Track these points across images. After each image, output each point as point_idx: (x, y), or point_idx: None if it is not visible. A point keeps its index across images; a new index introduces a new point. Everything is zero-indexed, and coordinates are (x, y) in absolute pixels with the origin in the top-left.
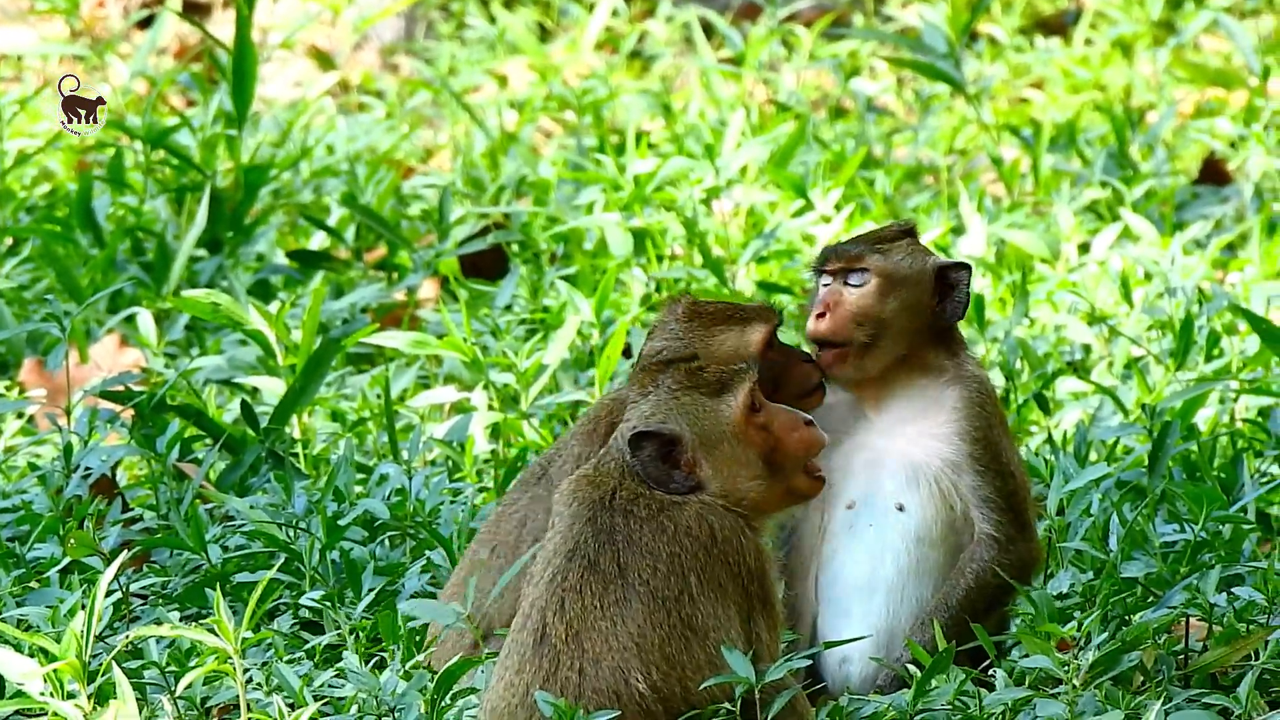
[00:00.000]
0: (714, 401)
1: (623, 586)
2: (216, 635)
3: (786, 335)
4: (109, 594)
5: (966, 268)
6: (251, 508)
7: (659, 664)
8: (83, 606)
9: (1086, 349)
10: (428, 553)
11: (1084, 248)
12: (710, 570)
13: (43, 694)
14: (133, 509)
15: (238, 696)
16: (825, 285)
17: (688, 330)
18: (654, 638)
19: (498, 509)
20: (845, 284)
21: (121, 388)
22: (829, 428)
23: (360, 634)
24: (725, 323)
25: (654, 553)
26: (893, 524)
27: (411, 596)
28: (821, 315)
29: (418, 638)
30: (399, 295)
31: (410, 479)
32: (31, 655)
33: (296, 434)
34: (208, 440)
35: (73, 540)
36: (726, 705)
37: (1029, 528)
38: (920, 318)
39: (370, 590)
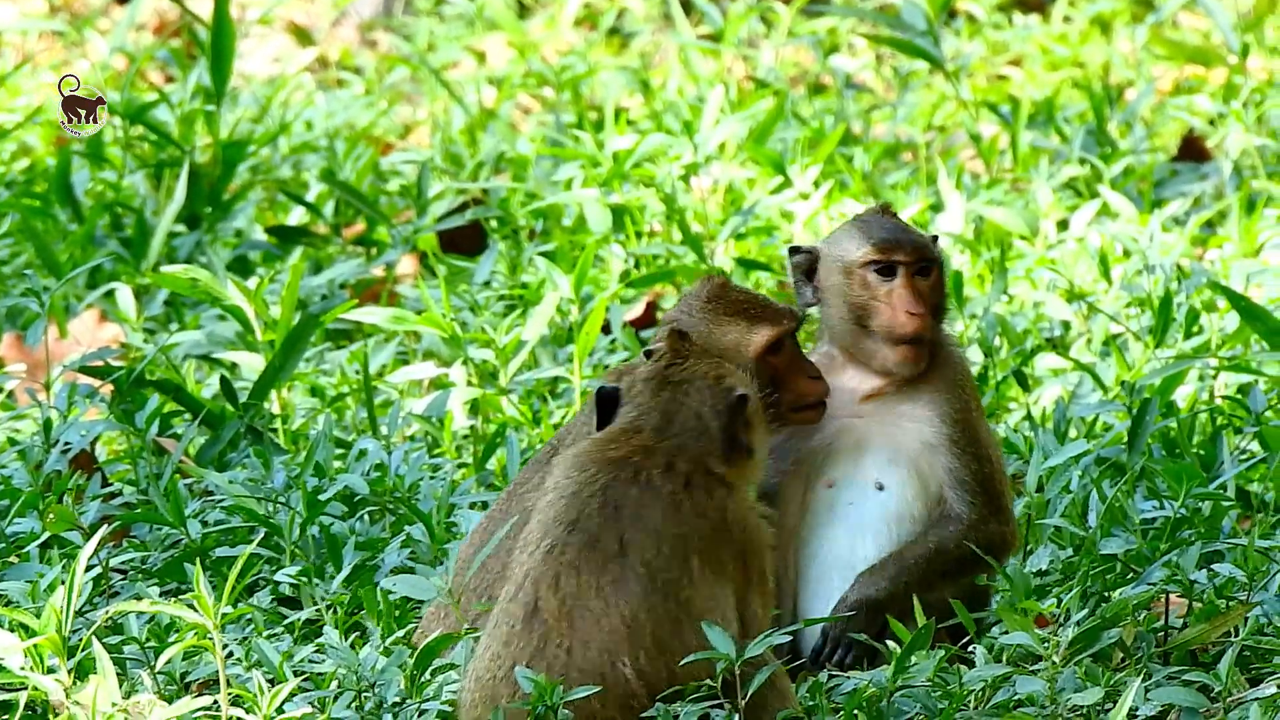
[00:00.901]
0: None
1: (622, 567)
2: (196, 610)
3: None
4: (88, 569)
5: (934, 237)
6: (231, 483)
7: (648, 649)
8: (62, 582)
9: (1065, 326)
10: (407, 528)
11: (1063, 224)
12: (713, 552)
13: (23, 669)
14: (112, 484)
15: (217, 672)
16: (895, 279)
17: (703, 310)
18: (647, 623)
19: (508, 488)
20: (915, 276)
21: (101, 363)
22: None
23: (339, 609)
24: (737, 315)
25: (660, 533)
26: (873, 503)
27: (391, 572)
28: (918, 314)
29: (397, 612)
30: (377, 271)
31: (389, 454)
32: (11, 630)
33: (276, 409)
34: (187, 415)
35: (52, 515)
36: (708, 682)
37: (1004, 511)
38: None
39: (350, 565)
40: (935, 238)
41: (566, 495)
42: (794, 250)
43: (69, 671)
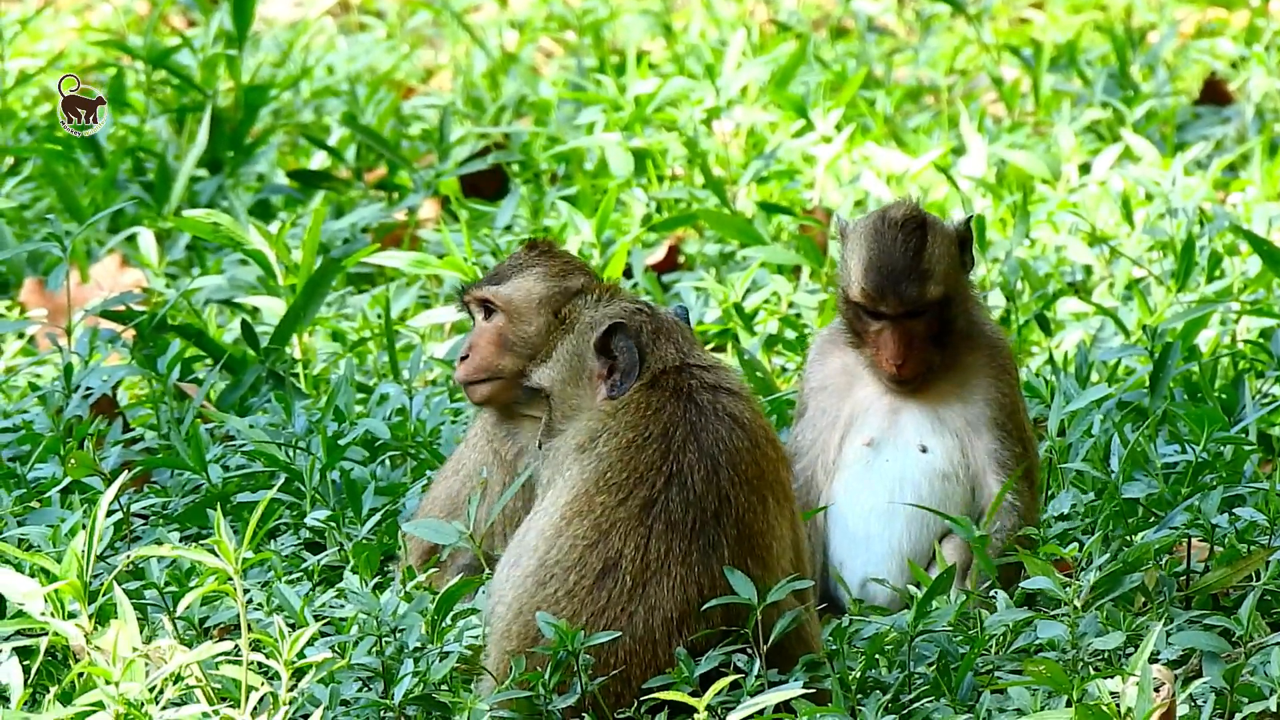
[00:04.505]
0: None
1: (717, 528)
2: (217, 555)
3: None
4: (109, 514)
5: (970, 219)
6: (252, 427)
7: (714, 619)
8: (83, 526)
9: (1087, 270)
10: (429, 473)
11: (1085, 168)
12: (780, 478)
13: (43, 614)
14: (133, 429)
15: (238, 616)
16: (882, 324)
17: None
18: (724, 589)
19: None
20: (909, 317)
21: (122, 308)
22: (852, 370)
23: (365, 555)
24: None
25: (749, 481)
26: (914, 461)
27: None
28: (902, 363)
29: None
30: (399, 215)
31: (411, 399)
32: (32, 575)
33: (297, 354)
34: (208, 360)
35: (73, 460)
36: (736, 629)
37: (1037, 497)
38: (961, 278)
39: (371, 510)
40: (969, 220)
41: (655, 434)
42: (839, 217)
43: (89, 617)
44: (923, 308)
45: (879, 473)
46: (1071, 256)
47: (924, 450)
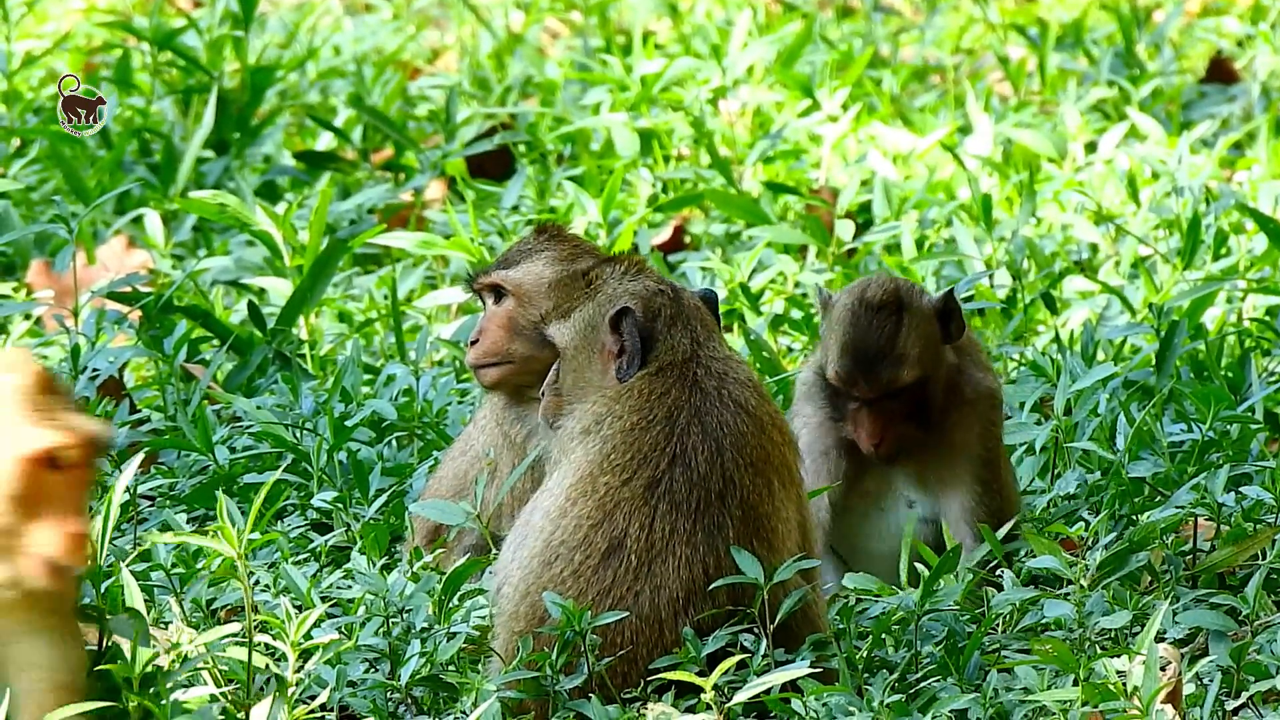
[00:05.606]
0: None
1: (721, 510)
2: (222, 540)
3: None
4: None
5: (951, 292)
6: (259, 408)
7: (720, 598)
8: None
9: (1094, 248)
10: (435, 453)
11: (1091, 147)
12: (787, 462)
13: None
14: (140, 410)
15: (244, 598)
16: (859, 404)
17: None
18: (729, 569)
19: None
20: (885, 399)
21: (129, 289)
22: (845, 418)
23: (372, 536)
24: None
25: (754, 463)
26: (904, 513)
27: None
28: (877, 442)
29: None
30: (406, 196)
31: (418, 379)
32: None
33: (304, 335)
34: (215, 341)
35: None
36: (743, 608)
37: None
38: (939, 357)
39: (379, 491)
40: (949, 292)
41: (660, 417)
42: (821, 290)
43: (97, 598)
44: (897, 391)
45: (875, 515)
46: (1077, 235)
47: (910, 505)
